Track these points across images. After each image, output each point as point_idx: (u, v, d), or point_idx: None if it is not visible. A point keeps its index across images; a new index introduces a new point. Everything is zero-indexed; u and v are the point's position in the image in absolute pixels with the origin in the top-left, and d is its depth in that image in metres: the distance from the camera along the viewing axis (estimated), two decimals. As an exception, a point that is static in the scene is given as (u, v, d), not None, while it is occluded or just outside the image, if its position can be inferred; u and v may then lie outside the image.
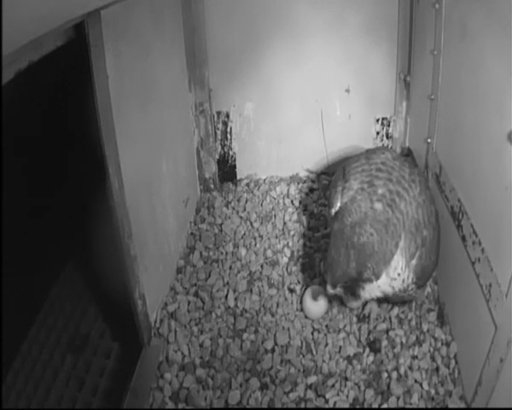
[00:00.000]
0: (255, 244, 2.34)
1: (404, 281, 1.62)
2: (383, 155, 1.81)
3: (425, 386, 1.72)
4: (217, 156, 2.70)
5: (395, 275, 1.60)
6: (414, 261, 1.61)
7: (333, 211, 1.76)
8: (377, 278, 1.60)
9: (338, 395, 1.72)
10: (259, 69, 2.52)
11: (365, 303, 1.98)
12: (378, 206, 1.61)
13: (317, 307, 1.96)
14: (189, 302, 2.06)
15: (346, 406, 1.69)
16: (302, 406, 1.70)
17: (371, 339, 1.88)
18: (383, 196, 1.63)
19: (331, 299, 2.00)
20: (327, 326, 1.95)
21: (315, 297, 1.93)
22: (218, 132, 2.66)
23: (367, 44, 2.44)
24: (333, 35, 2.45)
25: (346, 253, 1.58)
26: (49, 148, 2.30)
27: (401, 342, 1.86)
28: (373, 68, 2.49)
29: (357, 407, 1.69)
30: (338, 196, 1.75)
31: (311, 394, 1.73)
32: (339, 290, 1.67)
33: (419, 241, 1.60)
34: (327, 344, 1.88)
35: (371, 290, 1.65)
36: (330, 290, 1.64)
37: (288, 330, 1.93)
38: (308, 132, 2.64)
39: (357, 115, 2.59)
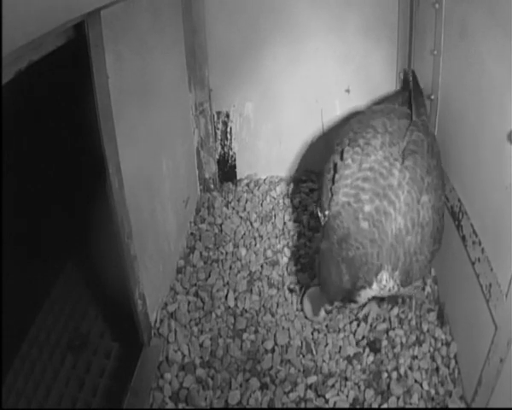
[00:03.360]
0: (255, 244, 2.34)
1: (390, 290, 1.63)
2: (373, 158, 1.68)
3: (425, 386, 1.72)
4: (217, 156, 2.70)
5: (382, 286, 1.62)
6: (397, 272, 1.59)
7: (321, 215, 1.74)
8: (370, 285, 1.60)
9: (338, 395, 1.72)
10: (259, 69, 2.52)
11: (365, 303, 1.99)
12: (364, 225, 1.57)
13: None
14: (189, 302, 2.06)
15: (346, 406, 1.69)
16: (302, 406, 1.70)
17: (371, 339, 1.88)
18: (370, 214, 1.58)
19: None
20: (327, 326, 1.95)
21: (315, 309, 1.93)
22: (218, 132, 2.66)
23: (367, 44, 2.44)
24: (333, 35, 2.45)
25: (337, 269, 1.56)
26: (49, 148, 2.30)
27: (401, 342, 1.86)
28: (373, 68, 2.49)
29: (357, 407, 1.69)
30: (326, 199, 1.72)
31: (311, 394, 1.73)
32: (336, 304, 1.67)
33: (400, 251, 1.57)
34: (327, 344, 1.88)
35: (366, 295, 1.65)
36: (328, 308, 1.64)
37: (288, 330, 1.93)
38: (308, 132, 2.64)
39: (358, 115, 2.59)
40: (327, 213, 1.68)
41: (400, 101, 2.04)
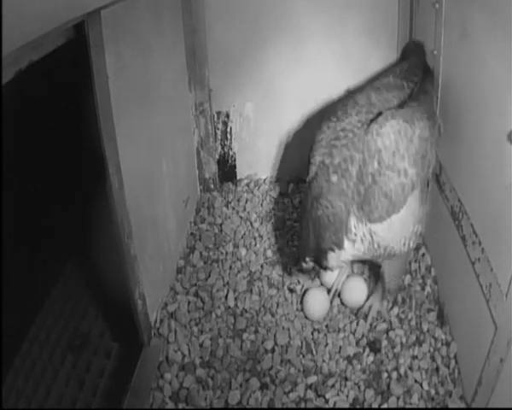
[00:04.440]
0: (255, 244, 2.34)
1: (362, 240, 1.59)
2: (346, 121, 1.69)
3: (425, 386, 1.72)
4: (217, 156, 2.70)
5: (353, 237, 1.59)
6: (361, 207, 1.56)
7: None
8: (339, 247, 1.60)
9: (338, 395, 1.72)
10: (260, 69, 2.52)
11: (367, 300, 1.99)
12: (333, 178, 1.60)
13: (317, 310, 1.96)
14: (189, 302, 2.06)
15: (346, 406, 1.69)
16: (302, 406, 1.70)
17: (371, 339, 1.88)
18: (338, 165, 1.60)
19: (332, 300, 2.01)
20: (327, 326, 1.95)
21: (315, 301, 1.94)
22: (218, 132, 2.66)
23: (367, 45, 2.44)
24: (333, 36, 2.44)
25: (306, 227, 1.63)
26: (49, 148, 2.30)
27: (401, 342, 1.85)
28: (373, 69, 2.48)
29: (357, 407, 1.69)
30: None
31: (311, 394, 1.73)
32: (310, 264, 1.70)
33: (361, 188, 1.56)
34: (327, 344, 1.88)
35: (335, 259, 1.64)
36: (303, 264, 1.69)
37: (288, 330, 1.93)
38: (308, 132, 2.63)
39: (358, 115, 2.59)
40: (307, 179, 1.72)
41: (397, 72, 1.94)
